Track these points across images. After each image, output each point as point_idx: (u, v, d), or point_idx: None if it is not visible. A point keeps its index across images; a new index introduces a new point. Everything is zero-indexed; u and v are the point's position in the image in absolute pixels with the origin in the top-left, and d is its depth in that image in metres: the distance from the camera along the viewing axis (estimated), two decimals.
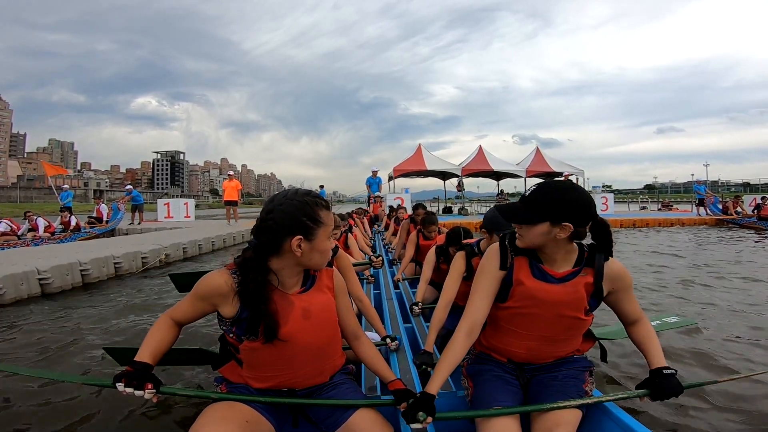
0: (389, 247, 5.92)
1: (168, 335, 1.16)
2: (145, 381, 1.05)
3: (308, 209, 1.09)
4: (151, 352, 1.11)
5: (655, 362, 1.22)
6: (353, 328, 1.32)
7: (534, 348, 1.24)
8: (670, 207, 20.91)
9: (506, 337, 1.26)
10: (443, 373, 1.15)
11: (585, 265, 1.19)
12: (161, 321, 1.18)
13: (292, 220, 1.08)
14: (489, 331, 1.30)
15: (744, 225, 11.77)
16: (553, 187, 1.15)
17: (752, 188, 33.86)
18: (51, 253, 5.50)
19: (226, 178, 12.48)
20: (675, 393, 1.17)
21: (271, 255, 1.11)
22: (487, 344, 1.32)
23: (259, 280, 1.08)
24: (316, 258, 1.13)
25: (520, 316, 1.21)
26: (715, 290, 4.24)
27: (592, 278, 1.18)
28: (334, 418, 1.16)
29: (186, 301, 1.17)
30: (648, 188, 46.09)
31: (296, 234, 1.07)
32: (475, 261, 2.04)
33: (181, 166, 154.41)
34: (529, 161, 17.05)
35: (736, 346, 2.70)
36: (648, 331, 1.28)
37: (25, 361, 2.56)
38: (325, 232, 1.12)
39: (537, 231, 1.14)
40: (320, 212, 1.11)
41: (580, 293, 1.18)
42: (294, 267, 1.13)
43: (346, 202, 39.98)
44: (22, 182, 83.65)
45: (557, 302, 1.17)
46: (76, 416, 1.82)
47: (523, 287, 1.19)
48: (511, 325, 1.24)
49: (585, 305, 1.19)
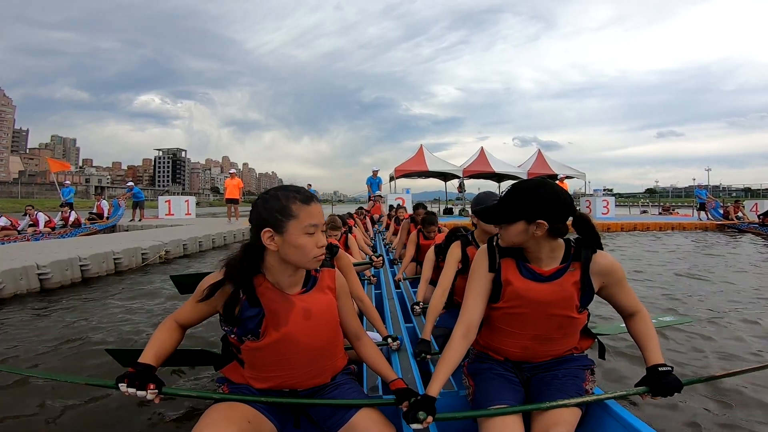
0: (390, 246, 5.91)
1: (172, 338, 1.17)
2: (147, 382, 1.04)
3: (279, 202, 1.08)
4: (154, 354, 1.11)
5: (653, 359, 1.22)
6: (355, 328, 1.31)
7: (529, 347, 1.24)
8: (670, 211, 20.89)
9: (501, 337, 1.27)
10: (443, 374, 1.15)
11: (573, 260, 1.19)
12: (165, 323, 1.19)
13: (263, 213, 1.08)
14: (485, 331, 1.31)
15: (745, 230, 11.74)
16: (524, 186, 1.18)
17: (753, 193, 33.81)
18: (51, 249, 5.50)
19: (227, 176, 12.48)
20: (675, 390, 1.17)
21: (257, 249, 1.12)
22: (484, 344, 1.33)
23: (245, 258, 1.10)
24: (292, 253, 1.07)
25: (512, 316, 1.22)
26: (714, 293, 4.24)
27: (579, 274, 1.18)
28: (336, 418, 1.15)
29: (188, 304, 1.18)
30: (649, 192, 46.13)
31: (265, 227, 1.07)
32: (470, 250, 2.06)
33: (182, 163, 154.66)
34: (531, 163, 17.02)
35: (734, 345, 2.72)
36: (646, 325, 1.27)
37: (25, 360, 2.55)
38: (296, 225, 1.06)
39: (514, 230, 1.17)
40: (292, 205, 1.08)
41: (568, 291, 1.17)
42: (281, 264, 1.11)
43: (346, 202, 40.00)
44: (24, 178, 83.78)
45: (546, 301, 1.17)
46: (78, 417, 1.81)
47: (512, 287, 1.20)
48: (504, 325, 1.24)
49: (575, 303, 1.19)
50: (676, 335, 2.82)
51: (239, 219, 11.79)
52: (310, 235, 1.08)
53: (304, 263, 1.10)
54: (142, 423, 1.78)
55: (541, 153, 17.44)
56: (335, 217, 3.30)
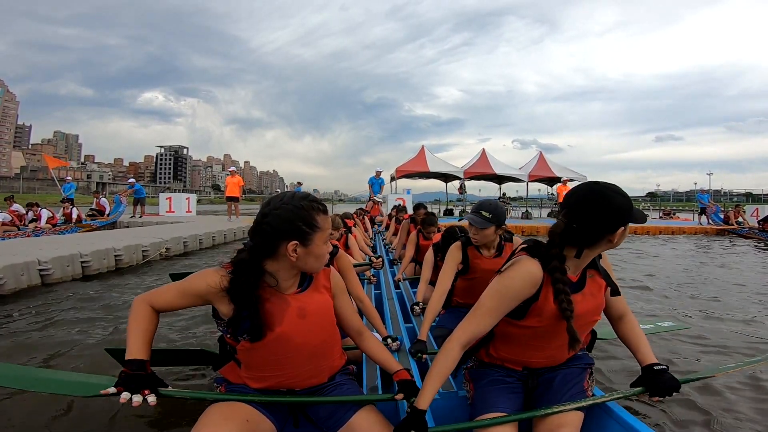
0: (390, 247, 5.91)
1: (152, 324, 1.11)
2: (141, 387, 1.01)
3: (304, 214, 1.07)
4: (143, 347, 1.07)
5: (646, 359, 1.22)
6: (356, 324, 1.31)
7: (554, 355, 1.22)
8: (671, 215, 20.85)
9: (525, 351, 1.21)
10: (434, 385, 1.10)
11: (588, 267, 1.18)
12: (141, 309, 1.11)
13: (288, 225, 1.05)
14: (500, 345, 1.24)
15: (745, 235, 11.74)
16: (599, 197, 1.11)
17: (755, 198, 33.77)
18: (52, 245, 5.51)
19: (228, 173, 12.47)
20: (673, 389, 1.17)
21: (267, 257, 1.09)
22: (497, 356, 1.26)
23: (251, 281, 1.06)
24: (312, 262, 1.11)
25: (543, 332, 1.14)
26: (713, 296, 4.23)
27: (600, 277, 1.19)
28: (335, 418, 1.15)
29: (172, 292, 1.12)
30: (650, 196, 46.01)
31: (292, 239, 1.05)
32: (470, 251, 2.07)
33: (184, 160, 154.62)
34: (532, 166, 16.99)
35: (731, 345, 2.74)
36: (636, 326, 1.28)
37: (24, 358, 2.54)
38: (321, 237, 1.09)
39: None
40: (317, 217, 1.09)
41: (599, 299, 1.19)
42: (289, 270, 1.12)
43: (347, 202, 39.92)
44: (26, 173, 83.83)
45: (583, 313, 1.14)
46: (74, 417, 1.79)
47: (549, 307, 1.10)
48: (531, 341, 1.18)
49: (603, 305, 1.22)
50: (671, 337, 2.82)
51: (239, 217, 11.79)
52: (326, 244, 1.12)
53: (317, 269, 1.14)
54: (139, 424, 1.76)
55: (542, 155, 17.40)
56: (336, 217, 3.31)
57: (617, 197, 1.03)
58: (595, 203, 1.04)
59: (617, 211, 1.03)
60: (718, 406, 1.94)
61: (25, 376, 1.33)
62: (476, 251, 2.08)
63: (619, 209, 1.03)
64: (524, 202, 20.87)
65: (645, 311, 3.71)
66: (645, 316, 3.47)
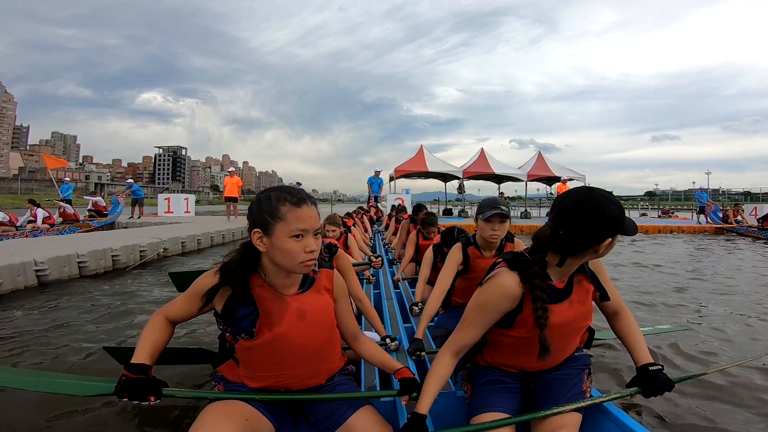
0: (389, 246, 5.90)
1: (163, 335, 1.14)
2: (147, 394, 1.02)
3: (269, 203, 1.04)
4: (148, 353, 1.08)
5: (642, 359, 1.22)
6: (352, 329, 1.31)
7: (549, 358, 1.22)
8: (669, 214, 20.90)
9: (518, 357, 1.21)
10: (432, 391, 1.12)
11: (576, 272, 1.15)
12: (155, 320, 1.15)
13: (255, 213, 1.06)
14: (494, 351, 1.25)
15: (744, 234, 11.76)
16: None
17: (753, 197, 33.90)
18: (49, 245, 5.48)
19: (227, 174, 12.45)
20: (666, 389, 1.17)
21: (257, 250, 1.09)
22: (492, 361, 1.26)
23: (242, 267, 1.07)
24: (279, 257, 1.04)
25: (532, 340, 1.11)
26: (712, 296, 4.23)
27: (589, 283, 1.18)
28: (334, 418, 1.15)
29: (181, 299, 1.16)
30: (649, 195, 46.18)
31: (255, 227, 1.05)
32: (471, 250, 2.06)
33: (182, 161, 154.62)
34: (531, 165, 17.01)
35: (731, 348, 2.72)
36: (632, 324, 1.27)
37: (22, 358, 2.52)
38: (283, 228, 1.01)
39: None
40: (282, 207, 1.02)
41: (587, 305, 1.17)
42: (273, 265, 1.08)
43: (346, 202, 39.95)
44: (24, 174, 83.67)
45: (570, 321, 1.14)
46: (73, 415, 1.79)
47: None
48: (522, 348, 1.18)
49: (592, 311, 1.20)
50: (672, 340, 2.81)
51: (238, 217, 11.77)
52: (298, 239, 1.02)
53: (291, 268, 1.06)
54: (138, 422, 1.76)
55: (541, 155, 17.43)
56: (336, 216, 3.29)
57: (611, 207, 0.99)
58: (587, 212, 0.99)
59: (609, 221, 0.99)
60: (713, 405, 1.94)
61: (25, 377, 1.33)
62: (477, 251, 2.07)
63: (611, 220, 0.99)
64: (523, 202, 20.90)
65: (644, 313, 3.70)
66: (643, 320, 3.45)
